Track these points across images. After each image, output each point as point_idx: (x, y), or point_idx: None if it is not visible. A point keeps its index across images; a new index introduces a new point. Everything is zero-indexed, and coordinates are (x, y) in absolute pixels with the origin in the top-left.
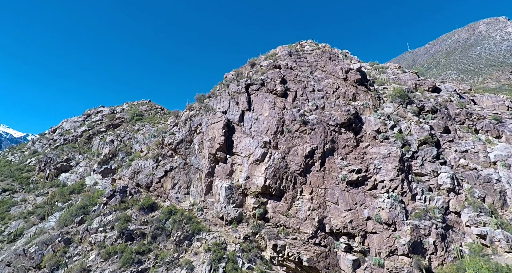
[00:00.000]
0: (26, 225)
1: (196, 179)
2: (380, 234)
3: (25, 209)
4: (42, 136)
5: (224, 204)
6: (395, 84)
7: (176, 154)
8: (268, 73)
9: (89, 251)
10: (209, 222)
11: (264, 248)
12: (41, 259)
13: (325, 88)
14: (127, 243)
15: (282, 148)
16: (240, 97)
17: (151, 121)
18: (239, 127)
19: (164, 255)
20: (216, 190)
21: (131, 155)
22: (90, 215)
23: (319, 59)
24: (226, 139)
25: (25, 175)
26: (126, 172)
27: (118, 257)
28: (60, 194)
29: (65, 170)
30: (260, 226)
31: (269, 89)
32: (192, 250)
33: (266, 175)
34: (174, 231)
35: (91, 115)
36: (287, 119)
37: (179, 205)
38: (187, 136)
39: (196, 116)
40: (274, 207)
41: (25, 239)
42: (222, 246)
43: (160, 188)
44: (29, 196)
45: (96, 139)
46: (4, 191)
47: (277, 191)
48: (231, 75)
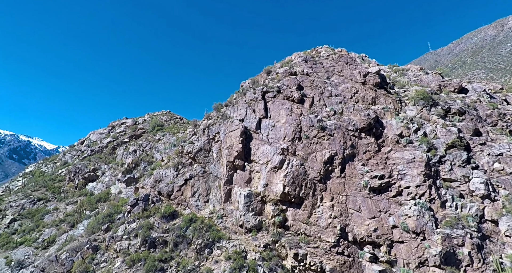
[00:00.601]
0: (58, 232)
1: (215, 187)
2: (407, 244)
3: (57, 217)
4: (71, 147)
5: (243, 212)
6: (417, 86)
7: (195, 162)
8: (284, 80)
9: (115, 258)
10: (228, 230)
11: (285, 257)
12: (72, 265)
13: (343, 93)
14: (150, 250)
15: (300, 155)
16: (256, 105)
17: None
18: (257, 135)
19: (186, 263)
20: (235, 197)
21: (153, 164)
22: (115, 223)
23: (336, 64)
24: (244, 147)
25: (57, 185)
26: (148, 181)
27: (141, 264)
28: (88, 203)
29: (92, 179)
30: (280, 234)
31: (286, 96)
32: (212, 258)
33: (285, 182)
34: (194, 239)
35: (115, 126)
36: (304, 125)
37: (199, 213)
38: (206, 144)
39: (214, 124)
40: (294, 214)
41: (57, 246)
42: (242, 255)
43: (180, 196)
44: (61, 204)
45: (120, 150)
46: (39, 200)
47: (297, 199)
48: (247, 83)
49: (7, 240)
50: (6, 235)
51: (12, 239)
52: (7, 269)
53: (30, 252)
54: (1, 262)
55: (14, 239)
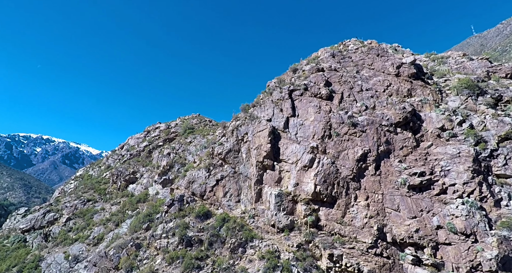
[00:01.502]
0: (105, 230)
1: (246, 187)
2: (456, 246)
3: (104, 217)
4: (113, 152)
5: (275, 212)
6: (460, 74)
7: (226, 163)
8: (311, 77)
9: (156, 256)
10: (261, 230)
11: (319, 257)
12: (119, 261)
13: (375, 86)
14: (187, 249)
15: (331, 153)
16: (283, 104)
17: (201, 133)
18: (285, 134)
19: (221, 261)
20: (266, 197)
21: (186, 166)
22: (154, 222)
23: (366, 57)
24: (273, 147)
25: (103, 187)
26: (182, 182)
27: (180, 262)
28: (129, 203)
29: (132, 181)
30: (313, 234)
31: (313, 93)
32: (246, 257)
33: (316, 181)
34: (228, 238)
35: (150, 131)
36: (334, 122)
37: (231, 213)
38: (235, 145)
39: (242, 125)
40: (327, 214)
41: (105, 243)
42: (275, 254)
43: (212, 196)
44: (106, 205)
45: (155, 153)
46: (88, 201)
47: (329, 198)
48: (274, 83)
49: (64, 237)
50: (63, 233)
51: (68, 236)
52: (66, 263)
53: (83, 248)
54: (60, 256)
55: (70, 236)
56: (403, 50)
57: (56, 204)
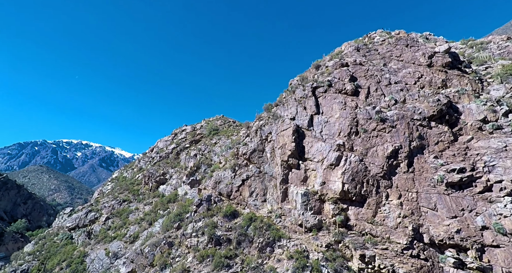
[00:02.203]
0: (140, 229)
1: (271, 187)
2: (506, 249)
3: (138, 216)
4: (144, 155)
5: (302, 211)
6: (504, 60)
7: (251, 163)
8: (335, 73)
9: (187, 254)
10: (288, 229)
11: (350, 258)
12: (153, 258)
13: (404, 79)
14: (216, 247)
15: (358, 150)
16: (307, 102)
17: (226, 134)
18: (309, 132)
19: (250, 260)
20: (292, 197)
21: (212, 166)
22: (184, 221)
23: (393, 49)
24: (297, 145)
25: (136, 188)
26: (209, 182)
27: (210, 260)
28: (160, 203)
29: (162, 182)
30: (343, 234)
31: (338, 89)
32: (275, 257)
33: (343, 179)
34: (256, 237)
35: (177, 133)
36: (361, 119)
37: (258, 212)
38: (259, 145)
39: (265, 125)
40: (356, 214)
41: (140, 241)
42: (304, 254)
43: (239, 196)
44: (140, 205)
45: (182, 154)
46: (124, 201)
47: (358, 197)
48: (296, 81)
49: (104, 235)
50: (103, 231)
51: (107, 234)
52: (107, 259)
53: (121, 246)
54: (102, 253)
55: (109, 234)
56: (435, 38)
57: (96, 204)
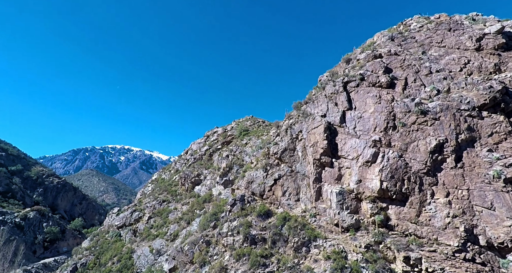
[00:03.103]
0: (179, 228)
1: (304, 186)
2: None
3: (177, 216)
4: (179, 157)
5: (337, 210)
6: None
7: (282, 162)
8: (367, 65)
9: (224, 252)
10: (324, 229)
11: (393, 260)
12: (193, 256)
13: (448, 66)
14: (251, 247)
15: (397, 146)
16: (338, 98)
17: (256, 134)
18: (342, 129)
19: (285, 260)
20: (326, 196)
21: (244, 167)
22: (220, 221)
23: (433, 34)
24: (329, 143)
25: (174, 189)
26: (242, 182)
27: (246, 259)
28: (197, 203)
29: (197, 183)
30: (383, 234)
31: (371, 83)
32: (311, 257)
33: (382, 177)
34: (290, 237)
35: (209, 135)
36: (398, 112)
37: (292, 212)
38: (290, 144)
39: (295, 123)
40: (398, 213)
41: (180, 239)
42: (342, 255)
43: (272, 195)
44: (178, 205)
45: (215, 156)
46: (163, 202)
47: (399, 195)
48: (326, 77)
49: (148, 233)
50: (147, 229)
51: (150, 233)
52: (151, 256)
53: (163, 243)
54: (146, 250)
55: (152, 232)
56: (484, 18)
57: (139, 204)
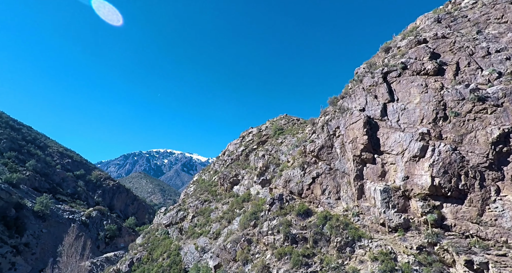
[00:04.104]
0: (220, 226)
1: (345, 184)
2: None
3: (218, 215)
4: (217, 158)
5: (383, 209)
6: None
7: (320, 160)
8: (410, 52)
9: (265, 251)
10: (368, 229)
11: (451, 264)
12: (235, 254)
13: (511, 45)
14: (292, 246)
15: (449, 138)
16: (377, 90)
17: (291, 132)
18: (383, 122)
19: (329, 260)
20: (369, 193)
21: (280, 166)
22: (259, 220)
23: (491, 10)
24: (370, 138)
25: (213, 189)
26: (279, 181)
27: (288, 258)
28: (236, 203)
29: (235, 183)
30: (438, 235)
31: (415, 71)
32: (356, 257)
33: (433, 172)
34: (333, 236)
35: (245, 136)
36: (449, 101)
37: (333, 211)
38: (327, 141)
39: (332, 119)
40: (455, 212)
41: (223, 237)
42: (390, 256)
43: (311, 194)
44: (218, 204)
45: (251, 156)
46: (205, 201)
47: (455, 192)
48: (363, 69)
49: (192, 231)
50: (191, 228)
51: (195, 231)
52: (196, 253)
53: (207, 241)
54: (192, 247)
55: (196, 231)
56: None
57: (183, 204)
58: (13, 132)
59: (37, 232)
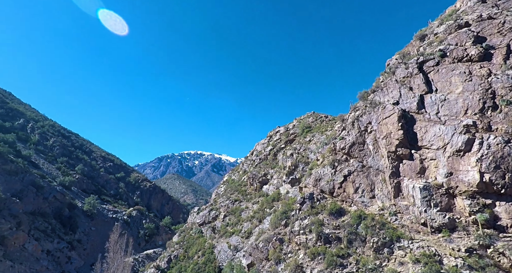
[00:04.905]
0: (251, 226)
1: (379, 181)
2: None
3: (249, 214)
4: (246, 158)
5: (423, 208)
6: None
7: (351, 157)
8: (449, 38)
9: (298, 250)
10: (408, 229)
11: (509, 268)
12: (268, 253)
13: None
14: (326, 246)
15: (501, 129)
16: (413, 81)
17: (319, 130)
18: (420, 115)
19: (365, 261)
20: (408, 191)
21: (309, 164)
22: (290, 219)
23: None
24: (406, 132)
25: (243, 189)
26: (309, 180)
27: (321, 258)
28: (266, 202)
29: (265, 183)
30: (492, 237)
31: (456, 58)
32: (395, 259)
33: (481, 168)
34: (368, 237)
35: (272, 135)
36: (499, 88)
37: (367, 210)
38: (358, 137)
39: (363, 115)
40: (510, 211)
41: (254, 236)
42: (435, 259)
43: (343, 193)
44: (249, 204)
45: (279, 155)
46: (235, 201)
47: (509, 189)
48: (395, 60)
49: (224, 230)
50: (223, 227)
51: (227, 230)
52: (229, 251)
53: (239, 240)
54: (225, 246)
55: (228, 230)
56: None
57: (215, 204)
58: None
59: (87, 230)
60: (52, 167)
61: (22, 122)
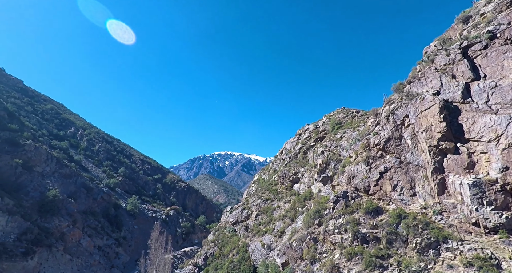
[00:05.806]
0: (284, 225)
1: (420, 178)
2: None
3: (281, 213)
4: (275, 157)
5: (474, 206)
6: None
7: (387, 153)
8: (500, 17)
9: (333, 250)
10: (456, 229)
11: None
12: (302, 252)
13: None
14: (363, 246)
15: None
16: (456, 68)
17: (350, 126)
18: (466, 105)
19: (408, 263)
20: (454, 188)
21: (341, 162)
22: (324, 218)
23: None
24: (449, 124)
25: (274, 188)
26: (342, 178)
27: (359, 258)
28: (298, 201)
29: (295, 181)
30: None
31: (509, 38)
32: (442, 261)
33: None
34: (411, 237)
35: (301, 133)
36: None
37: (408, 208)
38: (394, 132)
39: (398, 108)
40: None
41: (287, 235)
42: (491, 262)
43: (379, 191)
44: (280, 203)
45: (310, 153)
46: (267, 200)
47: None
48: (434, 47)
49: (257, 229)
50: (256, 226)
51: (260, 229)
52: (263, 250)
53: (272, 239)
54: (258, 244)
55: (260, 229)
56: None
57: (247, 203)
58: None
59: (130, 228)
60: (98, 170)
61: (73, 130)
